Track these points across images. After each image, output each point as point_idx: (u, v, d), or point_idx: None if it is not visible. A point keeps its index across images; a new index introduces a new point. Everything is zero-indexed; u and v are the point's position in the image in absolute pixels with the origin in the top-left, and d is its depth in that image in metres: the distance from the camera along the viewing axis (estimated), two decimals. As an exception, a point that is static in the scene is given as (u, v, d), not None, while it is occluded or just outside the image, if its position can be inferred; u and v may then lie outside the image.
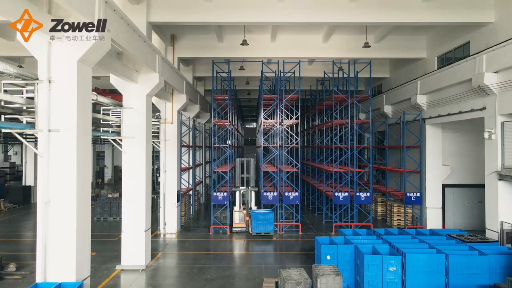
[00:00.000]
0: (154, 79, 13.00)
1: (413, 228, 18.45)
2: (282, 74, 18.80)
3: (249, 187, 18.49)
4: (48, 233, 7.79)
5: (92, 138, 12.71)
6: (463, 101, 14.84)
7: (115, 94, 26.40)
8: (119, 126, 13.01)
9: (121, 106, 12.92)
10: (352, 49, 18.75)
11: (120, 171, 43.34)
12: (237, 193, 18.60)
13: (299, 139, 18.82)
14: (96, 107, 14.32)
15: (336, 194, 18.37)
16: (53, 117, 7.80)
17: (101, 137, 12.72)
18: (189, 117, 22.12)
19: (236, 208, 18.62)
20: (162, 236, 17.85)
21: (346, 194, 18.38)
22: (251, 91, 31.65)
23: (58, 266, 7.84)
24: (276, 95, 19.15)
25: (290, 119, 19.75)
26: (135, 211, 12.88)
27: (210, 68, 19.06)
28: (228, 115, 19.26)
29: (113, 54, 11.68)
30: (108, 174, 43.11)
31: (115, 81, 12.83)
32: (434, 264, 9.62)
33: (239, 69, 21.59)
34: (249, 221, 17.73)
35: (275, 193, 18.40)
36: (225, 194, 18.43)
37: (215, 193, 18.46)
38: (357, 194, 18.39)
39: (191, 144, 23.02)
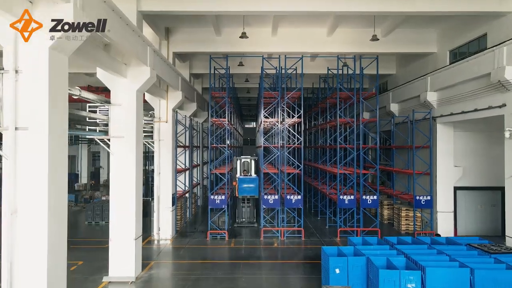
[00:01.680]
0: (145, 73, 11.90)
1: (423, 233, 17.44)
2: (283, 70, 17.72)
3: (250, 157, 19.49)
4: (14, 248, 6.68)
5: (86, 139, 11.73)
6: (480, 97, 13.75)
7: (109, 93, 25.33)
8: (107, 125, 11.94)
9: (109, 102, 11.83)
10: (358, 43, 17.66)
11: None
12: (238, 162, 19.07)
13: (301, 138, 17.72)
14: (83, 104, 13.19)
15: (341, 197, 17.28)
16: (21, 113, 6.72)
17: (87, 136, 11.65)
18: (185, 115, 20.98)
19: (238, 175, 19.12)
20: (156, 242, 16.75)
21: (352, 197, 17.29)
22: (251, 89, 30.52)
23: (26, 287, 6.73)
24: (277, 92, 18.04)
25: (292, 117, 18.66)
26: (124, 218, 11.80)
27: (207, 64, 18.01)
28: (227, 114, 18.15)
29: (100, 45, 10.60)
30: (104, 175, 41.93)
31: (102, 76, 11.75)
32: (457, 280, 8.52)
33: (238, 65, 20.48)
34: (236, 186, 17.97)
35: (276, 196, 17.31)
36: (223, 197, 17.33)
37: (212, 196, 17.35)
38: (363, 197, 17.30)
39: (187, 144, 21.90)
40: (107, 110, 12.46)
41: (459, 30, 16.63)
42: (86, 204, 25.82)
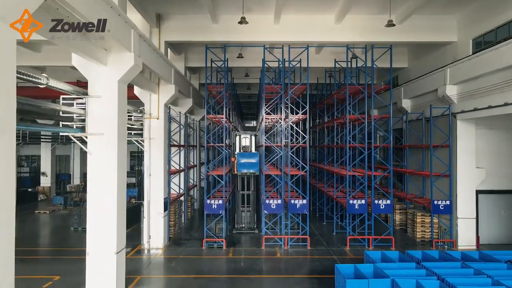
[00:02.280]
0: (128, 60, 10.23)
1: (441, 242, 15.81)
2: (287, 63, 16.04)
3: (250, 133, 18.29)
4: None
5: (79, 138, 10.12)
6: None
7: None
8: (84, 120, 10.31)
9: (86, 94, 10.17)
10: (369, 32, 15.98)
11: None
12: (237, 138, 17.72)
13: (307, 137, 16.05)
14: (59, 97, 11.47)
15: (351, 202, 15.62)
16: None
17: (61, 133, 10.03)
18: (179, 112, 19.37)
19: (237, 151, 18.26)
20: (146, 252, 15.10)
21: (363, 202, 15.63)
22: (251, 85, 28.81)
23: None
24: (280, 86, 16.38)
25: (296, 114, 16.96)
26: (104, 228, 10.13)
27: (204, 57, 16.33)
28: (224, 110, 16.48)
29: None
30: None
31: (78, 63, 10.11)
32: (508, 311, 6.88)
33: (237, 57, 18.80)
34: (235, 162, 16.53)
35: (279, 201, 15.67)
36: (220, 201, 15.68)
37: (208, 201, 15.70)
38: (376, 202, 15.63)
39: (182, 143, 20.27)
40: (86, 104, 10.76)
41: (484, 15, 14.92)
42: (76, 207, 24.17)
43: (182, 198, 19.93)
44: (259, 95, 24.85)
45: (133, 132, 16.23)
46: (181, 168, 19.73)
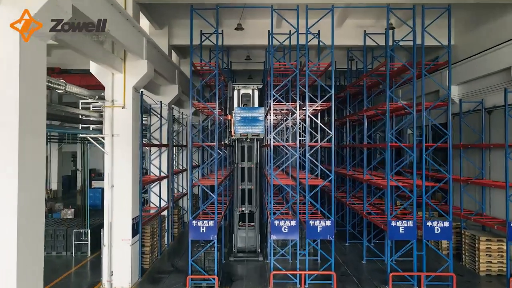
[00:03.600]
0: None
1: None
2: (302, 37, 11.58)
3: (253, 85, 14.78)
4: None
5: (56, 136, 5.76)
6: None
7: (68, 75, 19.32)
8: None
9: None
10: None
11: (100, 174, 36.04)
12: (235, 93, 14.42)
13: (332, 133, 11.54)
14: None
15: (393, 223, 11.12)
16: None
17: None
18: (160, 101, 14.92)
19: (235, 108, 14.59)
20: (105, 294, 10.68)
21: (410, 224, 11.13)
22: (253, 73, 24.20)
23: None
24: (294, 63, 11.93)
25: (317, 104, 12.43)
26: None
27: (194, 33, 11.90)
28: (216, 96, 12.01)
29: None
30: (80, 180, 35.73)
31: None
32: None
33: (235, 29, 14.26)
34: (232, 121, 13.22)
35: (293, 222, 11.23)
36: (211, 223, 11.21)
37: (195, 222, 11.23)
38: (428, 224, 11.13)
39: (166, 142, 15.82)
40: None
41: None
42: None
43: (165, 212, 15.47)
44: (264, 78, 20.27)
45: (91, 126, 11.80)
46: (163, 175, 15.26)
